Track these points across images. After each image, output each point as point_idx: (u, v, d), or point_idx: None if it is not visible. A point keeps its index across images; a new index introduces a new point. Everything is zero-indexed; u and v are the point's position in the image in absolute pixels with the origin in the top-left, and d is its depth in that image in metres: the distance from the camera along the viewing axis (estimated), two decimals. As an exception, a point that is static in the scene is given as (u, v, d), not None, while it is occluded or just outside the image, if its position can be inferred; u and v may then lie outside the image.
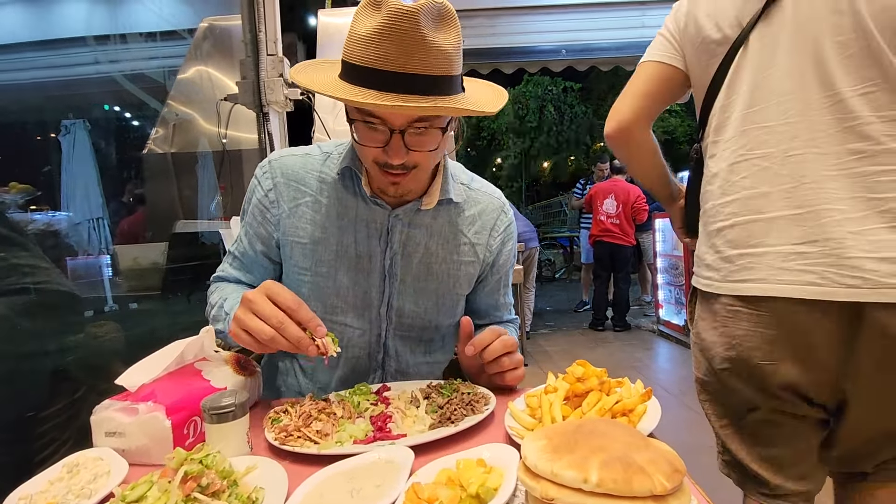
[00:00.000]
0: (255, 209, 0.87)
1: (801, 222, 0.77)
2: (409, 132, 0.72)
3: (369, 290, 0.85)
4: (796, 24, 0.79)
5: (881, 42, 0.73)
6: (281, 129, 1.87)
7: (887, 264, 0.71)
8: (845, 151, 0.76)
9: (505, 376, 0.77)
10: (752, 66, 0.84)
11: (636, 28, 4.67)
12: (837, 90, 0.76)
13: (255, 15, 1.72)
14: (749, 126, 0.83)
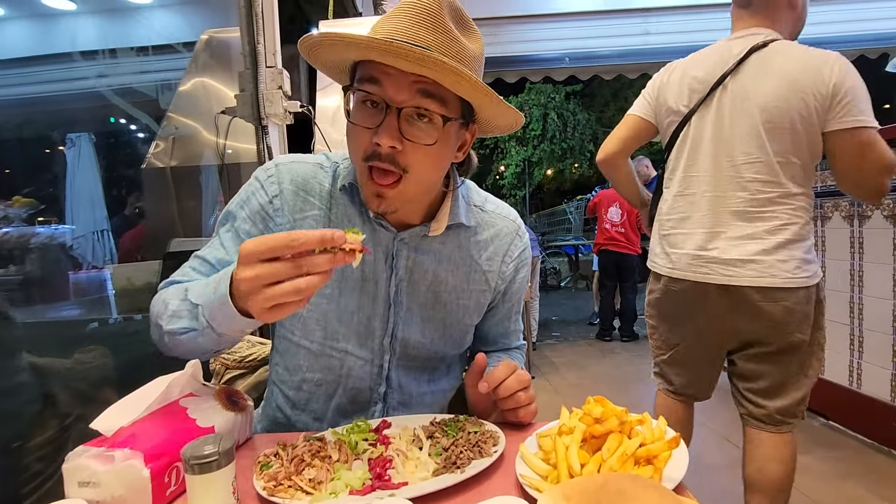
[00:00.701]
0: (255, 216, 0.77)
1: (700, 237, 1.31)
2: (407, 112, 0.64)
3: (373, 318, 0.79)
4: (718, 117, 1.29)
5: (763, 134, 1.23)
6: (280, 142, 1.83)
7: (750, 264, 1.23)
8: (734, 196, 1.26)
9: (519, 413, 0.71)
10: (691, 138, 1.34)
11: (639, 35, 4.65)
12: (734, 159, 1.27)
13: (253, 27, 1.68)
14: (687, 174, 1.36)
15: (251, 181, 0.79)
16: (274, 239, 0.52)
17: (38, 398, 0.99)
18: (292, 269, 0.52)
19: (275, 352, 0.84)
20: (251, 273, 0.52)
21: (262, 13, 1.70)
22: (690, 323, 1.38)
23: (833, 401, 2.53)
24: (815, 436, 2.46)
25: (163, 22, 2.65)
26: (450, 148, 0.70)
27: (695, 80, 1.31)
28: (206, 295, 0.62)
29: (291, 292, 0.52)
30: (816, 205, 2.57)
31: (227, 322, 0.60)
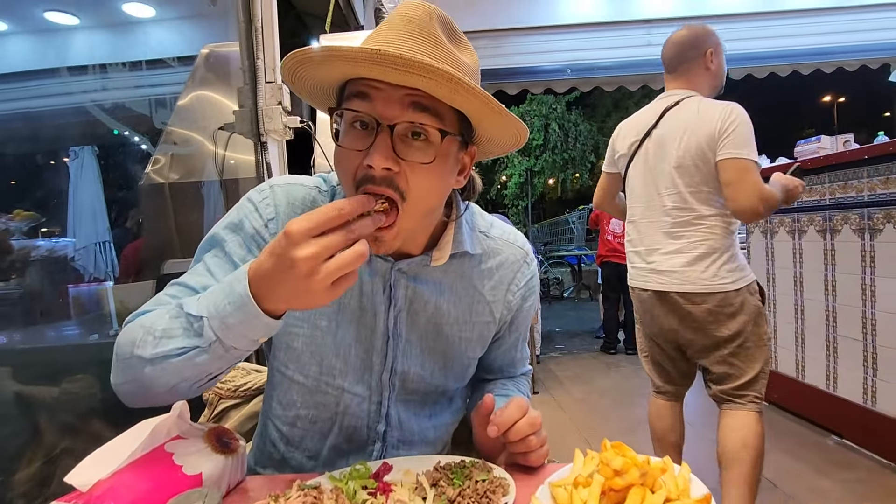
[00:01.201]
0: (249, 241, 0.69)
1: (644, 254, 1.69)
2: (401, 130, 0.58)
3: (371, 352, 0.74)
4: (645, 160, 1.67)
5: (674, 173, 1.57)
6: (280, 159, 1.80)
7: (675, 274, 1.57)
8: (661, 221, 1.62)
9: (530, 457, 0.66)
10: (630, 177, 1.75)
11: (642, 47, 4.64)
12: (659, 192, 1.63)
13: (252, 42, 1.66)
14: (631, 205, 1.76)
15: (243, 204, 0.72)
16: (321, 213, 0.50)
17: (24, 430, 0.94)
18: (345, 237, 0.50)
19: (269, 384, 0.80)
20: (309, 251, 0.48)
21: (261, 28, 1.68)
22: (649, 326, 1.76)
23: (847, 419, 2.46)
24: (830, 455, 2.39)
25: (163, 36, 2.64)
26: (449, 167, 0.64)
27: (630, 134, 1.73)
28: (213, 304, 0.55)
29: (355, 259, 0.50)
30: (825, 217, 2.53)
31: (246, 328, 0.54)
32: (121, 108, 2.26)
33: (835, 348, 2.54)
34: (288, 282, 0.50)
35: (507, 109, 0.61)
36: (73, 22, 2.46)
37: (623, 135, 1.76)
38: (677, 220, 1.59)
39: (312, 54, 0.57)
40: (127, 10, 2.44)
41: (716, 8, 4.65)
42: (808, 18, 4.69)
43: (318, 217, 0.49)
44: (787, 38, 4.74)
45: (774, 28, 4.69)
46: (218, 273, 0.68)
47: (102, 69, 2.41)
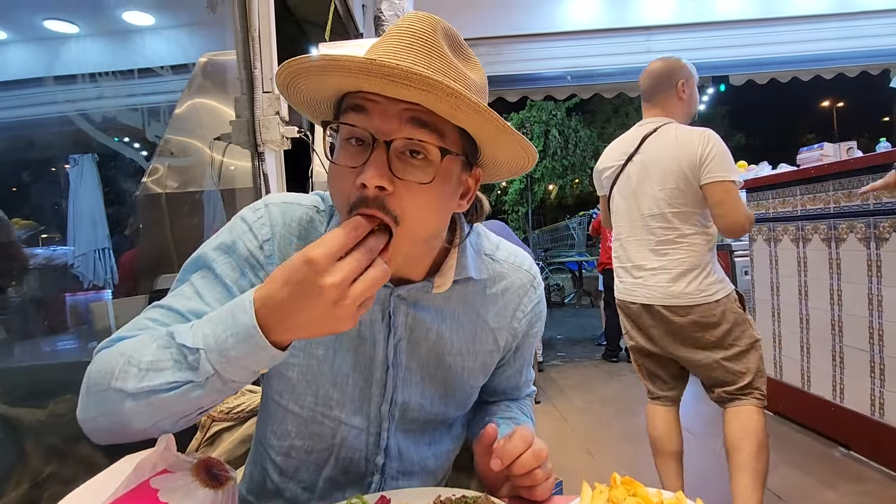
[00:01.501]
0: (241, 262, 0.64)
1: (631, 270, 1.79)
2: (398, 147, 0.54)
3: (370, 381, 0.70)
4: (627, 183, 1.78)
5: (658, 194, 1.67)
6: (278, 169, 1.77)
7: (660, 288, 1.69)
8: (646, 239, 1.73)
9: (535, 490, 0.63)
10: (614, 198, 1.86)
11: (642, 53, 4.63)
12: (642, 212, 1.73)
13: (249, 51, 1.64)
14: (616, 225, 1.87)
15: (236, 223, 0.67)
16: (337, 236, 0.48)
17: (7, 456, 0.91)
18: (367, 256, 0.49)
19: (263, 411, 0.76)
20: (338, 276, 0.46)
21: (258, 37, 1.66)
22: (638, 336, 1.84)
23: (855, 430, 2.42)
24: (837, 468, 2.34)
25: (160, 44, 2.63)
26: (450, 189, 0.59)
27: (612, 158, 1.86)
28: (212, 335, 0.50)
29: (382, 277, 0.49)
30: (830, 226, 2.51)
31: (250, 361, 0.50)
32: (121, 115, 2.24)
33: (841, 358, 2.50)
34: (311, 309, 0.47)
35: (514, 129, 0.58)
36: (72, 30, 2.45)
37: (607, 158, 1.90)
38: (661, 239, 1.71)
39: (308, 64, 0.54)
40: (125, 18, 2.42)
41: (715, 15, 4.65)
42: (809, 25, 4.69)
43: (335, 241, 0.47)
44: (788, 44, 4.73)
45: (775, 34, 4.69)
46: (207, 296, 0.63)
47: (100, 77, 2.39)
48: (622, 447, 2.75)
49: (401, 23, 0.57)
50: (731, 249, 3.86)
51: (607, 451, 2.72)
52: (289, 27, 3.59)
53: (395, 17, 3.13)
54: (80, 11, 1.74)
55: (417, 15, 0.57)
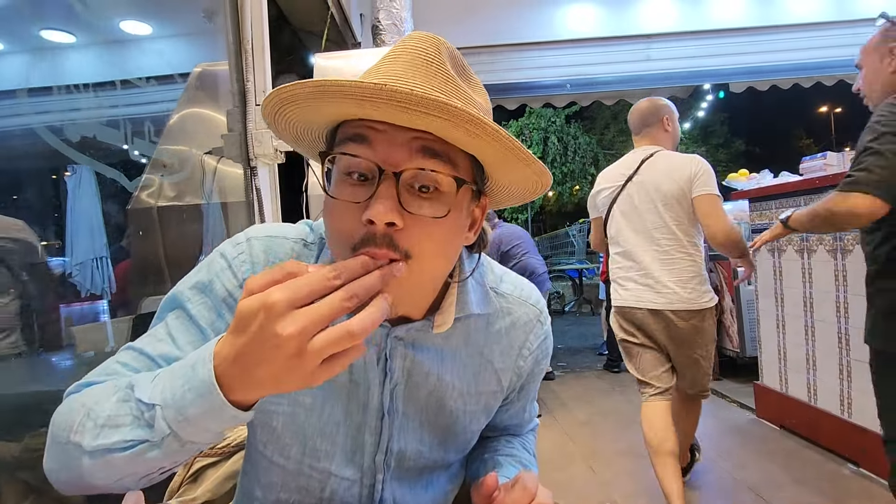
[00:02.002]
0: (218, 303, 0.59)
1: (638, 279, 1.96)
2: (408, 179, 0.49)
3: (362, 430, 0.64)
4: (629, 200, 1.98)
5: (661, 209, 1.90)
6: (271, 183, 1.73)
7: (671, 295, 1.88)
8: (651, 250, 1.93)
9: None
10: (615, 215, 2.04)
11: (642, 61, 4.61)
12: (646, 226, 1.94)
13: (242, 63, 1.60)
14: (619, 238, 2.04)
15: (215, 259, 0.62)
16: (306, 280, 0.40)
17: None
18: (339, 305, 0.40)
19: (247, 460, 0.71)
20: (298, 325, 0.38)
21: (251, 49, 1.62)
22: (639, 336, 2.02)
23: (864, 447, 2.36)
24: (847, 486, 2.28)
25: (156, 54, 2.60)
26: (462, 222, 0.55)
27: (612, 180, 2.08)
28: (169, 389, 0.45)
29: (344, 338, 0.39)
30: (835, 237, 2.46)
31: (209, 421, 0.44)
32: (109, 126, 2.20)
33: (849, 372, 2.44)
34: (268, 363, 0.40)
35: (533, 155, 0.53)
36: (70, 40, 2.41)
37: (605, 180, 2.12)
38: (666, 249, 1.93)
39: (302, 91, 0.48)
40: (122, 28, 2.39)
41: (715, 23, 4.62)
42: (810, 32, 4.66)
43: (303, 285, 0.40)
44: (789, 52, 4.71)
45: (775, 42, 4.66)
46: (180, 339, 0.58)
47: (95, 88, 2.35)
48: (625, 462, 2.69)
49: (404, 43, 0.53)
50: (734, 259, 3.81)
51: (610, 466, 2.66)
52: (285, 37, 3.56)
53: (392, 27, 3.10)
54: (77, 21, 1.70)
55: (421, 35, 0.53)
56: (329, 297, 0.40)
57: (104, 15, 1.69)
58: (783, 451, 2.61)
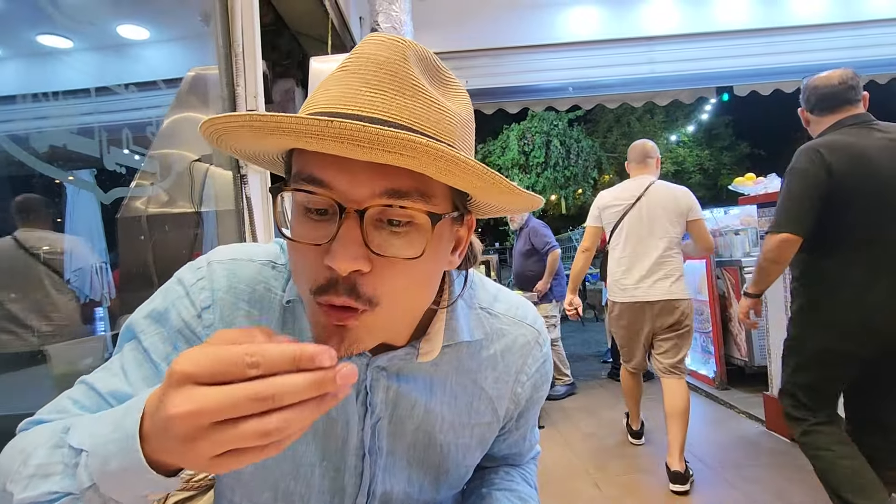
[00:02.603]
0: (173, 334, 0.54)
1: (638, 278, 2.55)
2: (374, 215, 0.42)
3: (341, 471, 0.58)
4: (639, 215, 2.56)
5: (667, 223, 2.53)
6: (263, 191, 1.67)
7: (664, 289, 2.50)
8: (652, 255, 2.52)
9: None
10: (624, 226, 2.60)
11: (644, 64, 4.54)
12: (653, 234, 2.54)
13: (232, 69, 1.54)
14: (625, 244, 2.59)
15: (171, 286, 0.56)
16: (219, 354, 0.32)
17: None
18: (251, 399, 0.32)
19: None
20: (191, 406, 0.31)
21: (242, 54, 1.56)
22: (634, 325, 2.61)
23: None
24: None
25: (152, 58, 2.54)
26: (442, 251, 0.49)
27: (622, 198, 2.65)
28: (98, 434, 0.40)
29: (254, 436, 0.32)
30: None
31: (130, 480, 0.38)
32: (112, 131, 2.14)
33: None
34: (166, 436, 0.34)
35: (518, 187, 0.46)
36: (68, 45, 2.36)
37: (613, 198, 2.69)
38: (663, 254, 2.53)
39: (232, 125, 0.41)
40: (119, 32, 2.34)
41: (719, 25, 4.56)
42: (815, 34, 4.60)
43: (216, 358, 0.32)
44: (794, 54, 4.64)
45: (780, 44, 4.60)
46: (133, 374, 0.52)
47: (100, 91, 2.30)
48: (631, 480, 2.61)
49: (362, 49, 0.44)
50: (741, 266, 3.73)
51: (615, 484, 2.57)
52: (284, 41, 3.52)
53: (392, 30, 3.04)
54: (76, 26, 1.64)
55: (381, 39, 0.44)
56: (237, 390, 0.31)
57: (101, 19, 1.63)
58: (795, 466, 2.52)
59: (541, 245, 4.06)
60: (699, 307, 4.12)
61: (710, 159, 15.59)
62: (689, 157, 15.44)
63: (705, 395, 3.88)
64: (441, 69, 0.48)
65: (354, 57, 0.44)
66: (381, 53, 0.43)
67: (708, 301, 3.93)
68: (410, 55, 0.44)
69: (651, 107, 13.57)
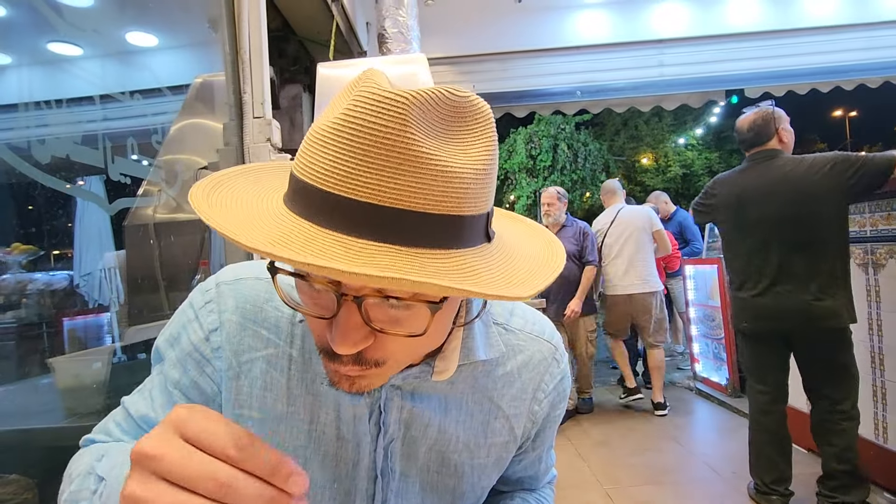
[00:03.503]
0: (185, 359, 0.55)
1: (624, 276, 3.70)
2: (372, 301, 0.40)
3: (352, 494, 0.56)
4: (617, 231, 3.82)
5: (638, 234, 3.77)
6: (269, 199, 1.65)
7: (641, 284, 3.66)
8: (631, 258, 3.71)
9: None
10: (607, 240, 3.80)
11: (654, 67, 4.50)
12: (630, 243, 3.76)
13: (239, 75, 1.52)
14: (609, 252, 3.77)
15: (184, 309, 0.57)
16: (193, 462, 0.31)
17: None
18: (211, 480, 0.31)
19: None
20: (142, 494, 0.31)
21: (249, 60, 1.54)
22: (620, 312, 3.72)
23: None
24: (884, 518, 2.13)
25: (160, 64, 2.54)
26: (448, 318, 0.48)
27: (602, 222, 3.83)
28: (118, 465, 0.44)
29: None
30: (867, 250, 2.33)
31: None
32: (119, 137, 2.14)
33: (883, 394, 2.30)
34: None
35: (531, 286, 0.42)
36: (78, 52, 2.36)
37: (597, 226, 3.84)
38: (638, 257, 3.61)
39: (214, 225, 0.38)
40: (128, 39, 2.34)
41: (730, 27, 4.51)
42: (827, 36, 4.53)
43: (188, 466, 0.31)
44: (806, 55, 4.57)
45: (792, 46, 4.53)
46: (157, 400, 0.55)
47: (109, 98, 2.30)
48: (644, 491, 2.55)
49: (357, 114, 0.37)
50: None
51: (628, 494, 2.52)
52: (291, 47, 3.51)
53: (399, 35, 3.03)
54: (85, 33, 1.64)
55: (379, 101, 0.37)
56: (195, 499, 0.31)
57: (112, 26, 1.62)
58: (812, 476, 2.45)
59: (587, 253, 3.60)
60: (711, 313, 4.06)
61: (720, 162, 15.45)
62: (698, 159, 15.32)
63: (718, 403, 3.81)
64: (459, 108, 0.41)
65: (351, 121, 0.37)
66: (377, 122, 0.37)
67: (720, 307, 3.87)
68: (413, 117, 0.37)
69: (659, 110, 13.50)
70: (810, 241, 2.00)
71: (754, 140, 2.18)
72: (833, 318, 1.97)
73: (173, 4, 1.83)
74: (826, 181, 1.95)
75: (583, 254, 3.61)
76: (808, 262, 2.00)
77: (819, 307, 1.98)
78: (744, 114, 2.27)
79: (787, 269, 2.04)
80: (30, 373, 1.03)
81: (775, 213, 2.05)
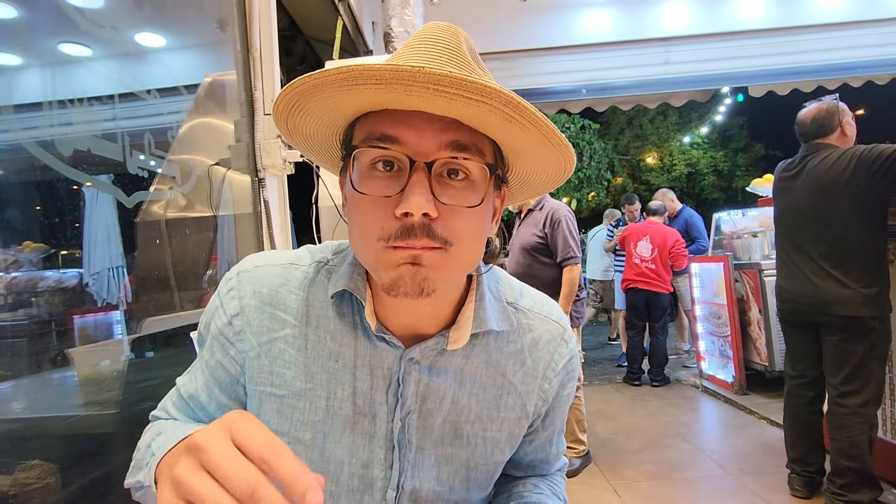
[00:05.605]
0: (216, 342, 0.60)
1: None
2: (438, 169, 0.49)
3: (370, 465, 0.59)
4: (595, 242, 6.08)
5: None
6: (280, 195, 1.67)
7: None
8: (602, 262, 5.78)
9: None
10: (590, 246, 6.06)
11: (659, 65, 4.49)
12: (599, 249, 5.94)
13: (250, 72, 1.55)
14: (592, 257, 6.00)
15: (214, 296, 0.62)
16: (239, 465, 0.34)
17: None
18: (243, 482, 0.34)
19: None
20: (187, 479, 0.34)
21: (259, 57, 1.57)
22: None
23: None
24: (892, 514, 2.13)
25: (169, 64, 2.57)
26: (489, 211, 0.54)
27: None
28: (170, 443, 0.50)
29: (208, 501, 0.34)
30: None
31: None
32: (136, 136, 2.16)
33: (891, 391, 2.29)
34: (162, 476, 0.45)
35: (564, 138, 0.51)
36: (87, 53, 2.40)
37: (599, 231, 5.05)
38: None
39: (326, 79, 0.45)
40: (137, 39, 2.37)
41: (735, 24, 4.50)
42: (834, 32, 4.51)
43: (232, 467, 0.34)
44: (812, 53, 4.56)
45: (798, 43, 4.52)
46: (199, 380, 0.62)
47: (117, 98, 2.32)
48: (651, 487, 2.56)
49: (422, 33, 0.52)
50: (761, 269, 3.66)
51: (635, 491, 2.53)
52: (298, 46, 3.54)
53: (405, 34, 3.05)
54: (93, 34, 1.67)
55: (440, 25, 0.53)
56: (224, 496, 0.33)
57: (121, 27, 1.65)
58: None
59: (561, 248, 2.59)
60: (717, 311, 4.05)
61: (725, 160, 15.37)
62: (703, 158, 15.25)
63: (724, 400, 3.80)
64: (479, 59, 0.55)
65: (418, 38, 0.52)
66: (441, 36, 0.51)
67: (726, 304, 3.87)
68: (462, 41, 0.52)
69: (664, 108, 13.45)
70: (827, 234, 2.07)
71: (816, 132, 2.19)
72: (841, 304, 2.01)
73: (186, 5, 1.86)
74: (844, 176, 2.00)
75: (553, 250, 2.58)
76: (824, 253, 2.07)
77: (828, 293, 2.04)
78: (805, 107, 2.30)
79: (807, 258, 2.15)
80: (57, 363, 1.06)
81: (799, 206, 2.18)
